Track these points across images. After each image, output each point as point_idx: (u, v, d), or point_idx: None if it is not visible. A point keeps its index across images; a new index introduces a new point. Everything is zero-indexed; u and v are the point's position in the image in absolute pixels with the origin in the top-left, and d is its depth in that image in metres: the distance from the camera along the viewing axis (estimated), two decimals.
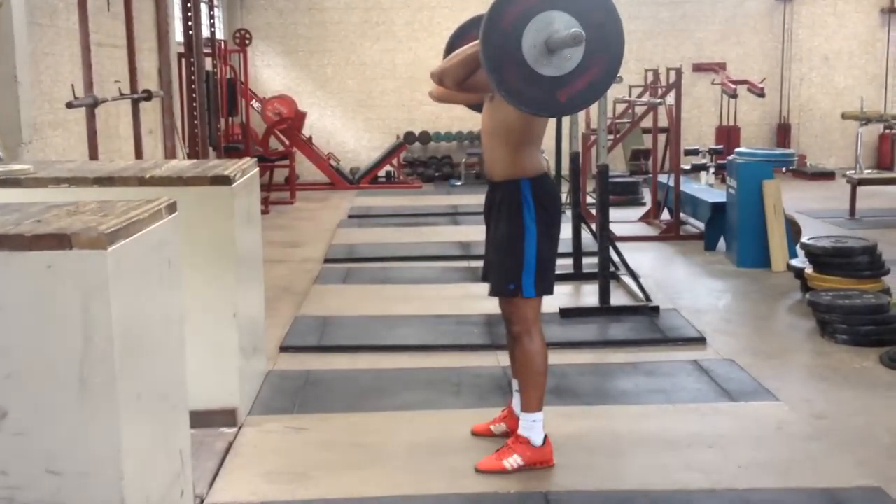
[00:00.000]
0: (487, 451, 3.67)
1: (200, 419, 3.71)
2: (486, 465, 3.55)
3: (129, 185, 3.69)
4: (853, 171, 9.90)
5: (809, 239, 6.34)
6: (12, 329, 2.20)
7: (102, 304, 2.20)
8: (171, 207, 2.72)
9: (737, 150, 8.27)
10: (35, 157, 6.09)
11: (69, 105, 5.64)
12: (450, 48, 3.79)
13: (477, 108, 3.83)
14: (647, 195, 10.31)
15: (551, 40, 3.08)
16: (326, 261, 7.61)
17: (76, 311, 2.20)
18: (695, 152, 10.50)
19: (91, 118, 5.77)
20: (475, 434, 3.87)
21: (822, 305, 5.30)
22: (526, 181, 3.49)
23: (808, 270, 6.10)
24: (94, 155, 5.78)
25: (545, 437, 3.58)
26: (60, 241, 2.19)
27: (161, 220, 2.60)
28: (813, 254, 6.09)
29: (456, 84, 3.47)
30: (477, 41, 3.21)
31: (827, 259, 5.98)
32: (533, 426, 3.56)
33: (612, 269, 6.14)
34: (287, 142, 12.07)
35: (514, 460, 3.53)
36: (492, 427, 3.86)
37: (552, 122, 13.71)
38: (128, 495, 2.30)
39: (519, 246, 3.48)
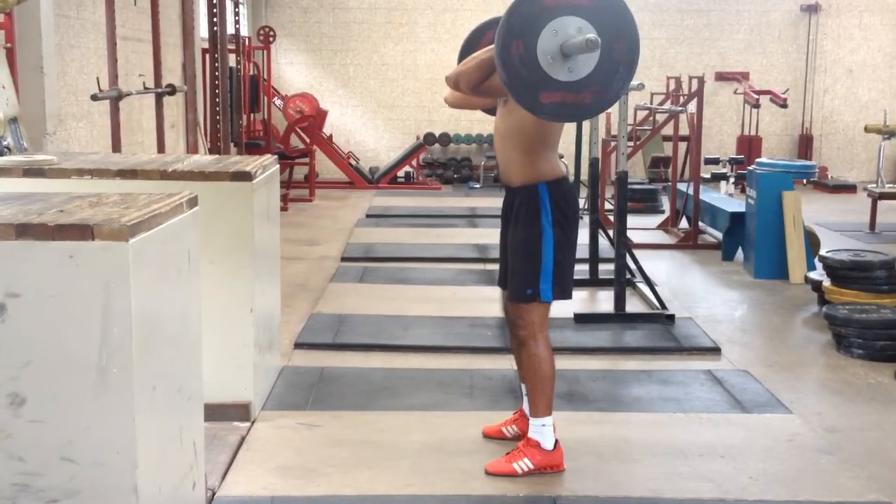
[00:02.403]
0: (498, 453, 3.68)
1: (214, 412, 3.74)
2: (495, 467, 3.56)
3: (150, 178, 3.72)
4: (874, 185, 9.84)
5: (828, 252, 6.31)
6: (33, 317, 2.23)
7: (122, 295, 2.23)
8: (192, 202, 2.75)
9: (757, 160, 8.26)
10: (59, 148, 6.15)
11: (94, 97, 5.70)
12: (464, 51, 3.80)
13: (493, 111, 3.84)
14: (665, 203, 10.29)
15: (566, 45, 3.09)
16: (343, 259, 7.64)
17: (96, 302, 2.23)
18: (715, 161, 10.49)
19: (115, 111, 5.82)
20: (486, 436, 3.88)
21: (838, 319, 5.28)
22: (543, 185, 3.48)
23: (826, 283, 6.08)
24: (116, 147, 5.83)
25: (556, 441, 3.59)
26: (83, 231, 2.22)
27: (182, 214, 2.63)
28: (831, 267, 6.06)
29: (471, 88, 3.47)
30: (492, 45, 3.22)
31: (845, 272, 5.95)
32: (542, 430, 3.56)
33: (628, 276, 6.13)
34: (308, 140, 12.11)
35: (524, 463, 3.54)
36: (503, 429, 3.87)
37: (572, 126, 13.68)
38: (141, 485, 2.32)
39: (536, 251, 3.48)
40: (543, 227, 3.46)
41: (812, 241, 7.26)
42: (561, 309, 5.72)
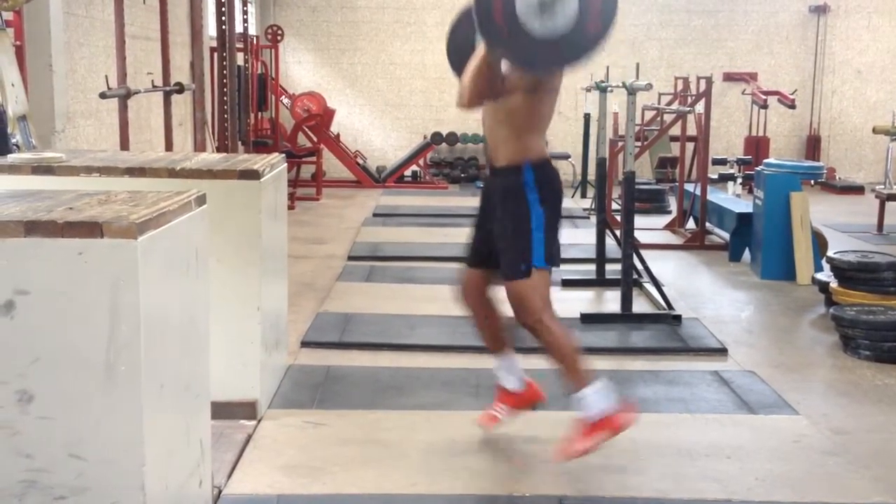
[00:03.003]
0: (504, 451, 3.69)
1: (221, 410, 3.75)
2: (569, 449, 3.50)
3: (159, 176, 3.73)
4: (882, 186, 9.81)
5: (835, 253, 6.30)
6: (41, 314, 2.24)
7: (131, 292, 2.24)
8: (201, 200, 2.75)
9: (765, 161, 8.23)
10: (67, 145, 6.17)
11: (102, 95, 5.71)
12: (451, 42, 3.91)
13: None
14: (672, 203, 10.28)
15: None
16: (350, 258, 7.65)
17: (104, 299, 2.24)
18: (723, 162, 10.46)
19: (123, 109, 5.83)
20: (481, 426, 3.84)
21: (845, 320, 5.27)
22: (528, 166, 3.52)
23: (833, 285, 6.06)
24: (125, 145, 5.84)
25: (614, 398, 3.54)
26: (92, 229, 2.23)
27: (190, 212, 2.63)
28: (838, 268, 6.05)
29: (479, 97, 3.51)
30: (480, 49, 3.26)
31: (852, 274, 5.94)
32: (595, 398, 3.51)
33: (635, 276, 6.13)
34: (315, 138, 12.13)
35: (593, 438, 3.50)
36: (494, 412, 3.84)
37: (578, 127, 13.63)
38: (148, 483, 2.33)
39: (526, 228, 3.50)
40: (531, 205, 3.50)
41: (819, 243, 7.24)
42: (567, 309, 5.75)
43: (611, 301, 6.28)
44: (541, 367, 3.96)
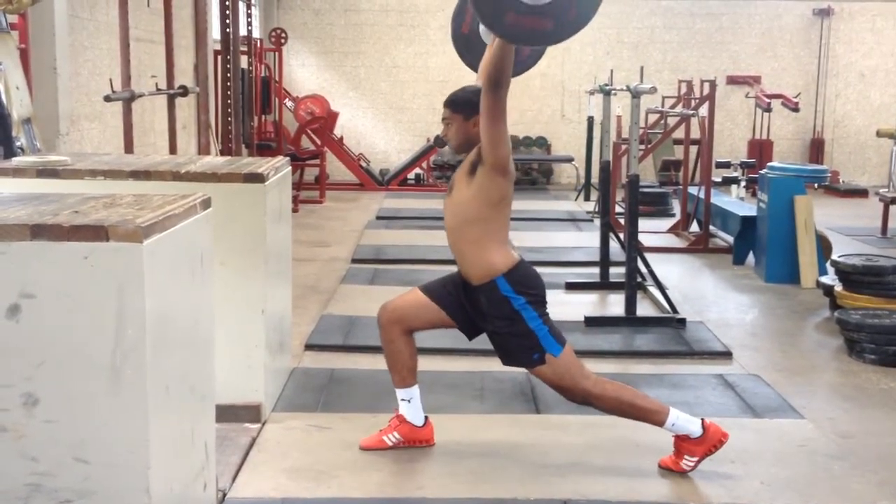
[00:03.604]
0: (508, 455, 3.69)
1: (225, 414, 3.74)
2: (668, 464, 3.62)
3: (163, 179, 3.73)
4: (886, 190, 9.80)
5: (840, 256, 6.29)
6: (47, 318, 2.23)
7: (136, 295, 2.24)
8: (206, 203, 2.75)
9: (769, 164, 8.23)
10: (72, 148, 6.18)
11: (107, 98, 5.71)
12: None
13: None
14: (676, 207, 10.28)
15: None
16: (354, 261, 7.65)
17: (110, 302, 2.23)
18: (726, 165, 10.46)
19: (128, 112, 5.83)
20: (365, 448, 3.77)
21: (850, 324, 5.26)
22: (501, 278, 3.51)
23: (838, 288, 6.05)
24: (129, 148, 5.84)
25: (700, 420, 3.58)
26: (97, 232, 2.23)
27: (195, 216, 2.63)
28: (843, 271, 6.04)
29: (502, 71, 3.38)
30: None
31: (857, 277, 5.93)
32: (676, 428, 3.56)
33: (639, 279, 6.12)
34: (318, 141, 12.13)
35: (689, 461, 3.57)
36: (385, 439, 3.79)
37: (583, 130, 13.62)
38: (153, 486, 2.33)
39: (525, 329, 3.51)
40: (520, 310, 3.51)
41: (824, 246, 7.23)
42: (571, 312, 5.75)
43: (615, 304, 6.28)
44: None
